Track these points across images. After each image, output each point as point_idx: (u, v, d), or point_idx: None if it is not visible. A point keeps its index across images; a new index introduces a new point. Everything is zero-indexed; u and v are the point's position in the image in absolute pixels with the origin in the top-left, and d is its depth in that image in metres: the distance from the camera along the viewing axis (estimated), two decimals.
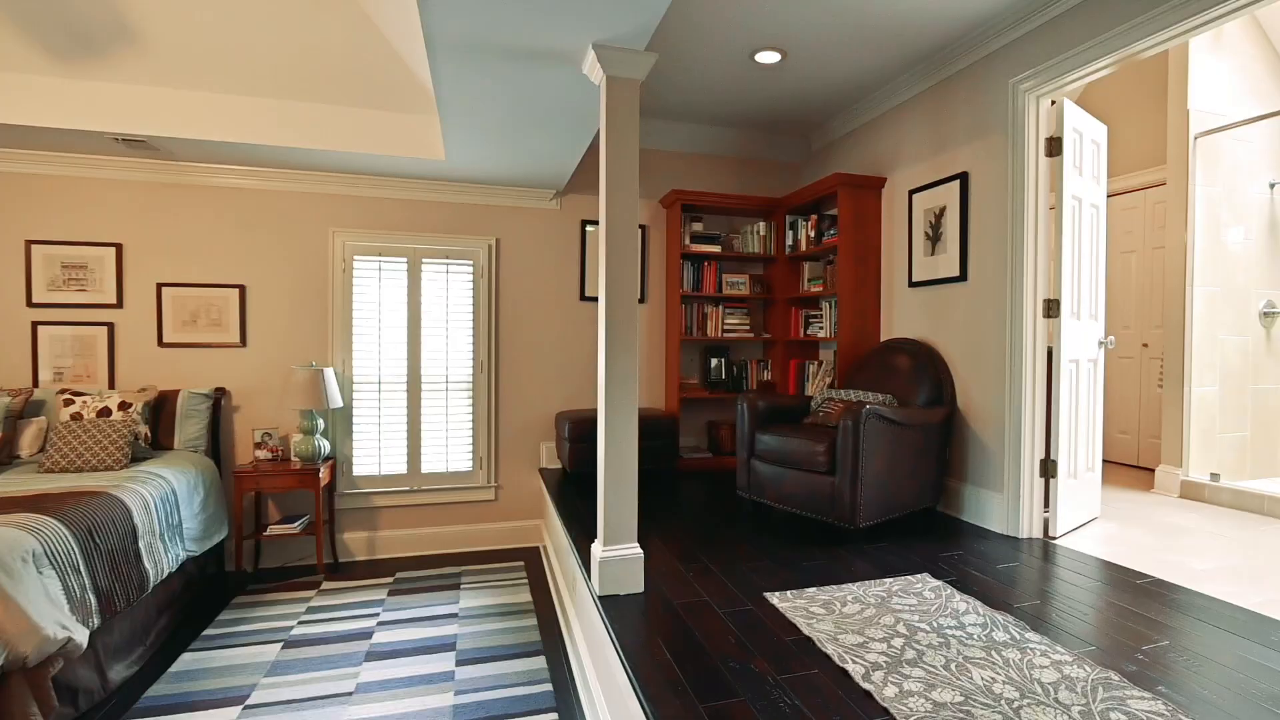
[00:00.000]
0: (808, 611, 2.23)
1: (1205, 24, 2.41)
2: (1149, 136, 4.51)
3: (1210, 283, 3.87)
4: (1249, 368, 4.00)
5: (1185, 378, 3.81)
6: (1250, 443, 4.00)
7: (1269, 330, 4.06)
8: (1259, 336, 4.02)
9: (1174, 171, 3.89)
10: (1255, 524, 3.30)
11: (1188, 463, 3.81)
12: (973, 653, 1.94)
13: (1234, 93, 3.92)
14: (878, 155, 4.11)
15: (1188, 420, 3.80)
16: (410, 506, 4.28)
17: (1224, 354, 3.91)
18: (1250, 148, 3.98)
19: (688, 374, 4.81)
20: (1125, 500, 3.78)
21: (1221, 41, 3.88)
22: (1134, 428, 4.74)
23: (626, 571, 2.37)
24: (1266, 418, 4.06)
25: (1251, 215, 3.99)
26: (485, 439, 4.38)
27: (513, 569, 4.01)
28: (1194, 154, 3.80)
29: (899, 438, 3.09)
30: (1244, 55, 3.96)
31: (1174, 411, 3.85)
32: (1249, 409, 4.00)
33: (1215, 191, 3.88)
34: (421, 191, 4.23)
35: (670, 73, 3.72)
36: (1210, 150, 3.85)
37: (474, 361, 4.35)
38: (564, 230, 4.55)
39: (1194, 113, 3.81)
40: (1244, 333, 3.97)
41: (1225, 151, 3.90)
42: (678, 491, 3.93)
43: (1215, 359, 3.89)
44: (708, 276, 4.60)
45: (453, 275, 4.31)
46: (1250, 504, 3.52)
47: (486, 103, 2.94)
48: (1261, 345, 4.04)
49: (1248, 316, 3.99)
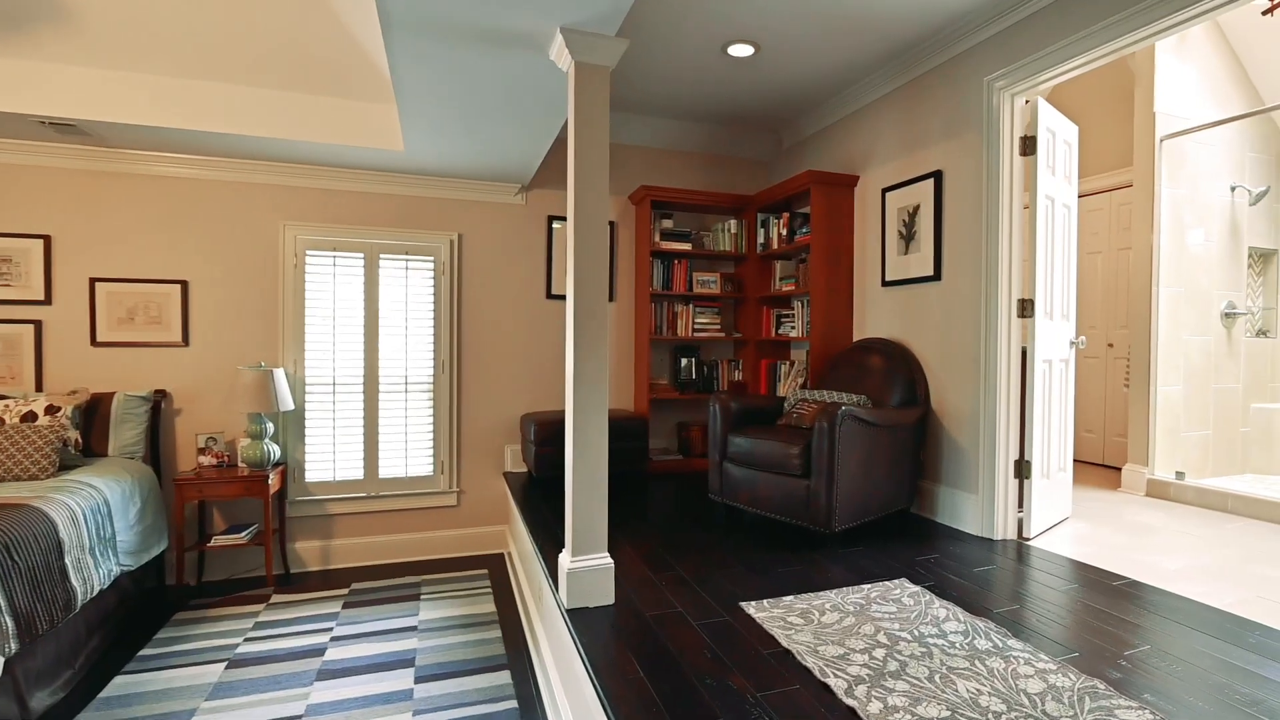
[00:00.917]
0: (785, 621, 2.16)
1: (1174, 26, 2.42)
2: (1113, 139, 4.58)
3: (1175, 284, 3.93)
4: (1211, 367, 4.08)
5: (1151, 377, 3.87)
6: (1212, 441, 4.08)
7: (1230, 331, 4.15)
8: (1220, 337, 4.11)
9: (1140, 173, 3.95)
10: (1220, 521, 3.35)
11: (1153, 461, 3.87)
12: (956, 663, 1.88)
13: (1197, 96, 3.99)
14: (850, 153, 4.08)
15: (1153, 419, 3.86)
16: (367, 513, 4.10)
17: (1187, 354, 3.98)
18: (1213, 151, 4.07)
19: (657, 374, 4.72)
20: (1094, 499, 3.82)
21: (1186, 46, 3.95)
22: (1099, 426, 4.81)
23: (596, 583, 2.27)
24: (1227, 417, 4.15)
25: (1213, 218, 4.08)
26: (447, 442, 4.23)
27: (475, 578, 3.87)
28: (1160, 156, 3.86)
29: (874, 439, 3.04)
30: (1206, 60, 4.03)
31: (1140, 411, 3.91)
32: (1211, 408, 4.08)
33: (1180, 193, 3.94)
34: (379, 184, 4.06)
35: (640, 64, 3.62)
36: (1175, 153, 3.92)
37: (435, 362, 4.19)
38: (529, 226, 4.42)
39: (1160, 115, 3.87)
40: (1206, 333, 4.05)
41: (1189, 154, 3.97)
42: (648, 495, 3.83)
43: (1179, 359, 3.95)
44: (678, 275, 4.52)
45: (412, 272, 4.14)
46: (1214, 502, 3.57)
47: (447, 90, 2.80)
48: (1223, 345, 4.13)
49: (1210, 317, 4.07)
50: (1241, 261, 4.20)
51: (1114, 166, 4.60)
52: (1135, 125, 3.98)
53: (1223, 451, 4.12)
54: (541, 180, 4.43)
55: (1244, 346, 4.24)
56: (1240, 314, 4.13)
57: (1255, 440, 4.20)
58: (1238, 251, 4.19)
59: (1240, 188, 4.15)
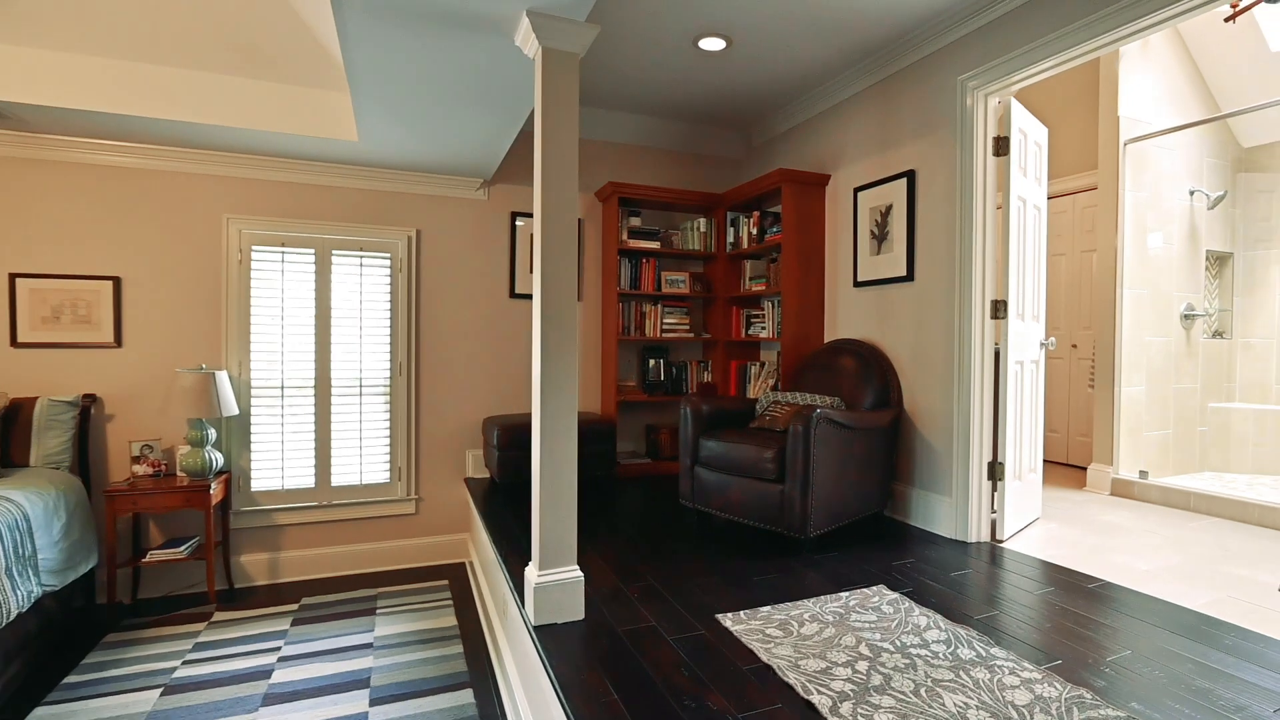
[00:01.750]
0: (764, 634, 2.08)
1: (1142, 30, 2.44)
2: (1077, 143, 4.67)
3: (1138, 286, 4.01)
4: (1171, 368, 4.17)
5: (1115, 378, 3.93)
6: (1172, 440, 4.17)
7: (1188, 332, 4.25)
8: (1180, 338, 4.21)
9: (1105, 176, 4.02)
10: (1183, 520, 3.42)
11: (1118, 461, 3.93)
12: (941, 674, 1.83)
13: (1158, 102, 4.08)
14: (821, 152, 4.05)
15: (1118, 419, 3.92)
16: (319, 524, 3.90)
17: (1149, 355, 4.07)
18: (1173, 156, 4.16)
19: (625, 376, 4.63)
20: (1061, 499, 3.86)
21: (1148, 52, 4.03)
22: (1063, 426, 4.90)
23: (565, 597, 2.16)
24: (1186, 416, 4.25)
25: (1174, 221, 4.17)
26: (404, 447, 4.06)
27: (435, 589, 3.71)
28: (1124, 160, 3.93)
29: (849, 442, 3.00)
30: (1167, 66, 4.13)
31: (1105, 411, 3.97)
32: (1171, 408, 4.17)
33: (1142, 197, 4.02)
34: (331, 176, 3.87)
35: (608, 55, 3.52)
36: (1138, 157, 4.00)
37: (392, 363, 4.02)
38: (492, 222, 4.28)
39: (1124, 120, 3.94)
40: (1167, 334, 4.14)
41: (1151, 159, 4.06)
42: (616, 501, 3.73)
43: (1142, 360, 4.03)
44: (646, 274, 4.44)
45: (367, 269, 3.96)
46: (1176, 500, 3.65)
47: (404, 77, 2.66)
48: (1182, 346, 4.23)
49: (1170, 319, 4.16)
50: (1199, 264, 4.32)
51: (1077, 170, 4.68)
52: (1100, 129, 4.05)
53: (1182, 450, 4.22)
54: (505, 175, 4.29)
55: (1201, 347, 4.35)
56: (1198, 315, 4.24)
57: (1212, 439, 4.31)
58: (1196, 254, 4.30)
59: (1199, 192, 4.26)
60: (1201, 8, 2.29)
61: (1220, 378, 4.48)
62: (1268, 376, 4.45)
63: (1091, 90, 4.49)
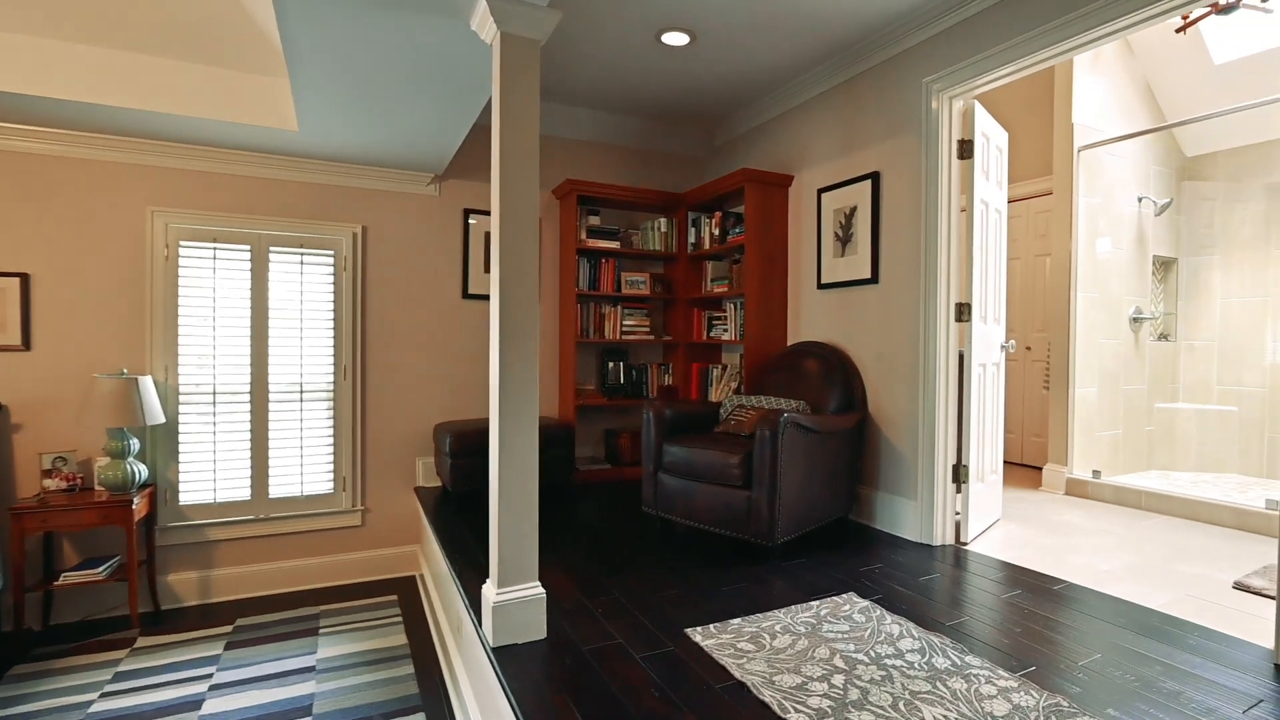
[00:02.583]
0: (736, 649, 2.02)
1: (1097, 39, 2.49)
2: (1032, 148, 4.79)
3: (1090, 289, 4.12)
4: (1121, 370, 4.31)
5: (1070, 380, 4.03)
6: (1122, 440, 4.31)
7: (1137, 335, 4.40)
8: (1129, 340, 4.35)
9: (1060, 182, 4.12)
10: (1136, 518, 3.51)
11: (1072, 461, 4.03)
12: (918, 686, 1.80)
13: (1108, 110, 4.21)
14: (784, 152, 4.04)
15: (1072, 420, 4.02)
16: (255, 538, 3.68)
17: (1101, 357, 4.19)
18: (1123, 163, 4.30)
19: (584, 379, 4.53)
20: (1019, 500, 3.93)
21: (1100, 62, 4.16)
22: (1018, 427, 5.01)
23: (526, 616, 2.05)
24: (1135, 416, 4.40)
25: (1123, 227, 4.31)
26: (349, 456, 3.86)
27: (384, 605, 3.54)
28: (1078, 166, 4.04)
29: (816, 446, 2.97)
30: (1117, 76, 4.27)
31: (1060, 412, 4.07)
32: (1121, 408, 4.31)
33: (1095, 202, 4.14)
34: (269, 168, 3.66)
35: (568, 47, 3.42)
36: (1091, 163, 4.11)
37: (335, 367, 3.82)
38: (444, 219, 4.12)
39: (1078, 126, 4.05)
40: (1117, 336, 4.28)
41: (1104, 165, 4.18)
42: (577, 508, 3.63)
43: (1094, 361, 4.15)
44: (605, 274, 4.35)
45: (309, 267, 3.76)
46: (1129, 499, 3.75)
47: (348, 62, 2.51)
48: (1131, 348, 4.38)
49: (1120, 322, 4.30)
50: (1147, 269, 4.48)
51: (1032, 175, 4.80)
52: (1055, 136, 4.15)
53: (1131, 450, 4.36)
54: (458, 170, 4.14)
55: (1149, 349, 4.51)
56: (1146, 318, 4.39)
57: (1159, 438, 4.47)
58: (1144, 259, 4.45)
59: (1146, 199, 4.42)
60: (1155, 19, 2.35)
61: (1166, 379, 4.65)
62: (1209, 377, 4.64)
63: (1044, 98, 4.61)
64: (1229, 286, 4.58)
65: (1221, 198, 4.59)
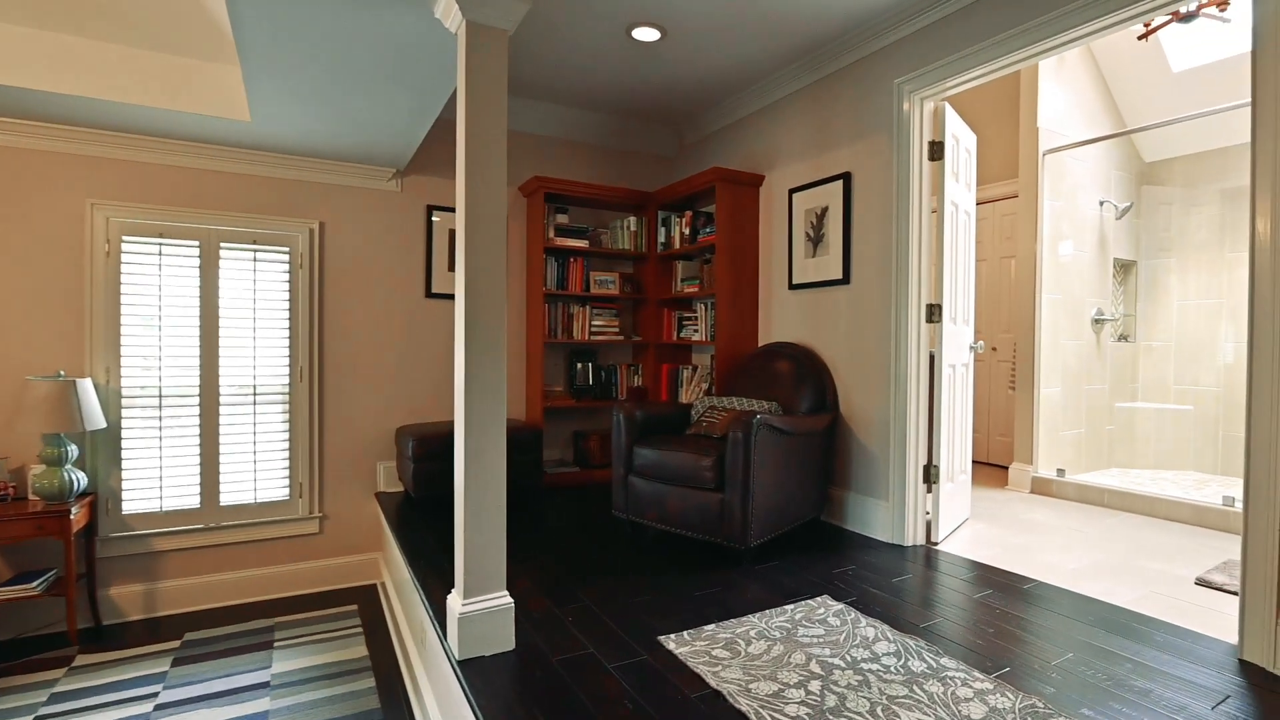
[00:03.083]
0: (710, 656, 1.98)
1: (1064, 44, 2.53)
2: (997, 152, 4.88)
3: (1055, 291, 4.21)
4: (1084, 370, 4.41)
5: (1035, 380, 4.11)
6: (1085, 439, 4.41)
7: (1098, 336, 4.51)
8: (1091, 341, 4.46)
9: (1025, 185, 4.20)
10: (1100, 516, 3.59)
11: (1037, 460, 4.11)
12: (895, 690, 1.79)
13: (1072, 115, 4.31)
14: (755, 152, 4.03)
15: (1037, 420, 4.10)
16: (205, 548, 3.52)
17: (1065, 358, 4.28)
18: (1086, 167, 4.41)
19: (551, 380, 4.46)
20: (986, 499, 3.99)
21: (1064, 68, 4.25)
22: (984, 426, 5.10)
23: (494, 627, 1.98)
24: (1096, 415, 4.51)
25: (1086, 230, 4.42)
26: (306, 461, 3.73)
27: (343, 615, 3.43)
28: (1043, 170, 4.12)
29: (788, 448, 2.96)
30: (1080, 82, 4.37)
31: (1025, 411, 4.14)
32: (1083, 408, 4.41)
33: (1059, 206, 4.23)
34: (220, 160, 3.51)
35: (535, 41, 3.36)
36: (1056, 167, 4.20)
37: (291, 369, 3.69)
38: (406, 216, 4.02)
39: (1043, 131, 4.13)
40: (1079, 337, 4.38)
41: (1067, 169, 4.28)
42: (545, 513, 3.56)
43: (1058, 362, 4.24)
44: (574, 273, 4.29)
45: (263, 264, 3.62)
46: (1092, 497, 3.84)
47: (303, 50, 2.41)
48: (1093, 349, 4.49)
49: (1083, 323, 4.40)
50: (1108, 271, 4.59)
51: (997, 178, 4.89)
52: (1020, 140, 4.23)
53: (1093, 448, 4.46)
54: (421, 165, 4.04)
55: (1109, 350, 4.63)
56: (1107, 320, 4.51)
57: (1119, 437, 4.59)
58: (1105, 262, 4.57)
59: (1108, 203, 4.53)
60: (1120, 24, 2.39)
61: (1125, 379, 4.78)
62: (1166, 377, 4.79)
63: (1010, 102, 4.70)
64: (1185, 289, 4.74)
65: (1178, 202, 4.74)
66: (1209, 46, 3.84)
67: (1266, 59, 1.94)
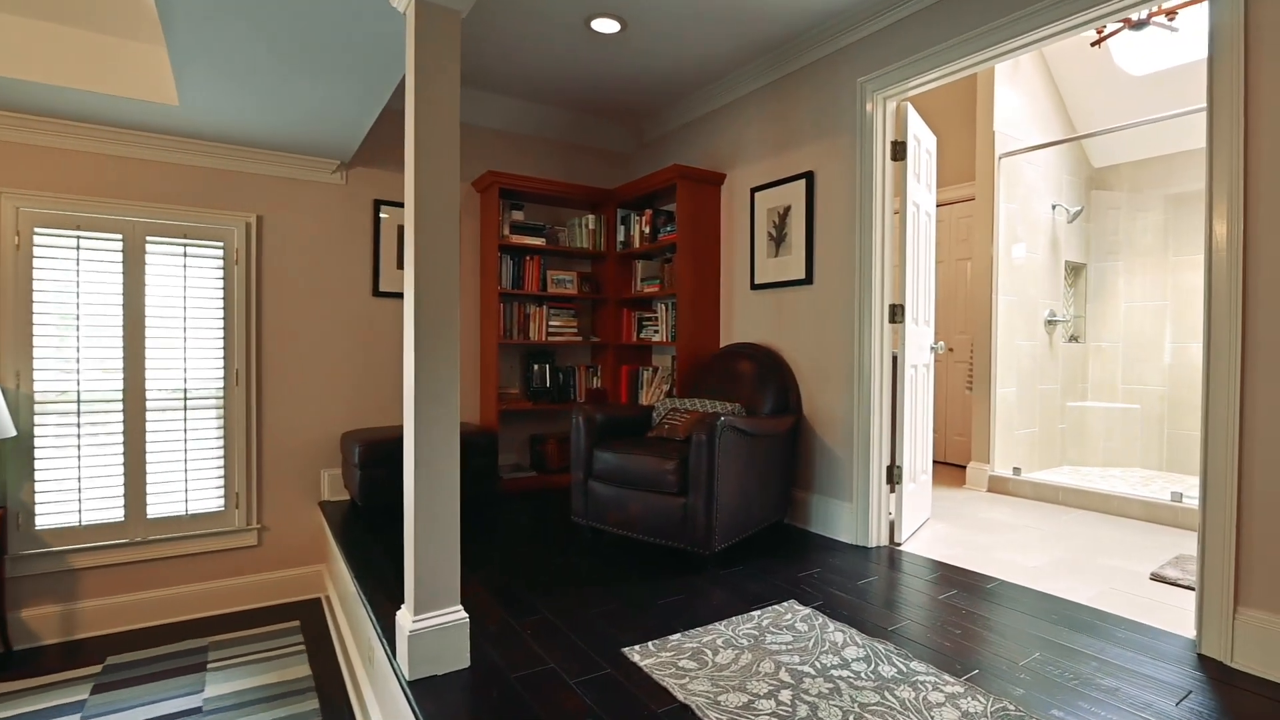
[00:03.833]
0: (677, 667, 1.92)
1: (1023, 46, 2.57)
2: (952, 155, 4.97)
3: (1010, 292, 4.30)
4: (1037, 370, 4.52)
5: (991, 380, 4.19)
6: (1038, 438, 4.52)
7: (1051, 336, 4.64)
8: (1044, 342, 4.57)
9: (982, 188, 4.28)
10: (1055, 513, 3.67)
11: (994, 459, 4.19)
12: (866, 697, 1.75)
13: (1026, 119, 4.42)
14: (716, 150, 4.00)
15: (994, 419, 4.18)
16: (131, 564, 3.30)
17: (1019, 358, 4.38)
18: (1039, 171, 4.52)
19: (507, 382, 4.34)
20: (945, 498, 4.04)
21: (1018, 73, 4.35)
22: (940, 426, 5.19)
23: (447, 644, 1.88)
24: (1049, 415, 4.62)
25: (1039, 233, 4.53)
26: (243, 469, 3.54)
27: (284, 632, 3.26)
28: (999, 173, 4.21)
29: (752, 450, 2.93)
30: (1033, 87, 4.49)
31: (982, 411, 4.22)
32: (1037, 408, 4.52)
33: (1013, 209, 4.33)
34: (146, 147, 3.30)
35: (490, 28, 3.25)
36: (1011, 170, 4.30)
37: (226, 371, 3.49)
38: (351, 210, 3.86)
39: (998, 134, 4.22)
40: (1033, 338, 4.49)
41: (1021, 173, 4.38)
42: (501, 520, 3.45)
43: (1013, 363, 4.33)
44: (530, 272, 4.19)
45: (194, 260, 3.42)
46: (1047, 494, 3.92)
47: (236, 27, 2.26)
48: (1046, 350, 4.60)
49: (1036, 324, 4.51)
50: (1059, 273, 4.72)
51: (953, 181, 4.99)
52: (977, 143, 4.31)
53: (1046, 447, 4.58)
54: (367, 157, 3.88)
55: (1061, 351, 4.76)
56: (1059, 321, 4.63)
57: (1070, 435, 4.72)
58: (1056, 264, 4.70)
59: (1060, 206, 4.66)
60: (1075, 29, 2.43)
61: (1076, 378, 4.93)
62: (1115, 377, 4.95)
63: (966, 106, 4.80)
64: (1132, 291, 4.91)
65: (1125, 207, 4.91)
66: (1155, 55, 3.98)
67: (1223, 64, 1.98)
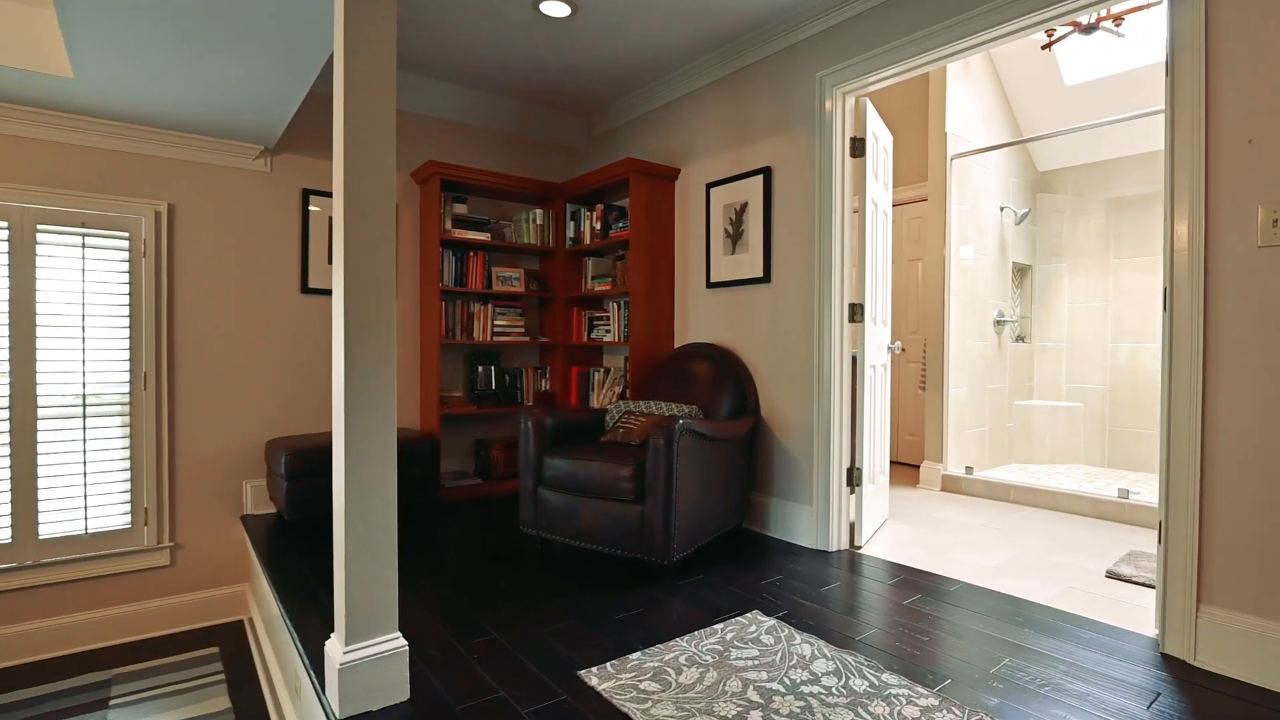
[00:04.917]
0: (639, 690, 1.80)
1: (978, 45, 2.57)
2: (904, 155, 5.02)
3: (961, 293, 4.36)
4: (987, 370, 4.60)
5: (944, 380, 4.22)
6: (988, 437, 4.59)
7: (1000, 336, 4.72)
8: (993, 342, 4.66)
9: (934, 189, 4.32)
10: (1008, 511, 3.72)
11: (946, 458, 4.22)
12: (839, 716, 1.67)
13: (975, 122, 4.49)
14: (670, 144, 3.91)
15: (946, 419, 4.21)
16: (20, 591, 2.98)
17: (970, 358, 4.44)
18: (988, 173, 4.61)
19: (449, 385, 4.14)
20: (901, 497, 4.05)
21: (969, 75, 4.41)
22: (894, 426, 5.23)
23: (383, 676, 1.71)
24: (998, 414, 4.71)
25: (988, 234, 4.61)
26: (153, 482, 3.24)
27: (200, 660, 2.99)
28: (950, 174, 4.25)
29: (711, 454, 2.84)
30: (983, 90, 4.56)
31: (935, 411, 4.25)
32: (987, 407, 4.59)
33: (964, 210, 4.39)
34: (34, 125, 2.98)
35: (431, 10, 3.07)
36: (962, 172, 4.35)
37: (133, 374, 3.19)
38: (278, 200, 3.60)
39: (950, 135, 4.26)
40: (983, 338, 4.56)
41: (971, 175, 4.45)
42: (443, 531, 3.27)
43: (965, 362, 4.39)
44: (474, 269, 4.00)
45: (95, 252, 3.11)
46: (999, 493, 3.98)
47: None
48: (995, 350, 4.69)
49: (986, 324, 4.59)
50: (1007, 274, 4.82)
51: (905, 181, 5.04)
52: (930, 144, 4.35)
53: (996, 445, 4.66)
54: (295, 143, 3.63)
55: (1009, 350, 4.86)
56: (1007, 321, 4.72)
57: (1018, 434, 4.82)
58: (1005, 266, 4.80)
59: (1008, 208, 4.76)
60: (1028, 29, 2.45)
61: (1023, 378, 5.05)
62: (1059, 376, 5.09)
63: (918, 106, 4.85)
64: (1075, 292, 5.06)
65: (1069, 210, 5.06)
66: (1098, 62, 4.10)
67: (1184, 65, 2.00)
